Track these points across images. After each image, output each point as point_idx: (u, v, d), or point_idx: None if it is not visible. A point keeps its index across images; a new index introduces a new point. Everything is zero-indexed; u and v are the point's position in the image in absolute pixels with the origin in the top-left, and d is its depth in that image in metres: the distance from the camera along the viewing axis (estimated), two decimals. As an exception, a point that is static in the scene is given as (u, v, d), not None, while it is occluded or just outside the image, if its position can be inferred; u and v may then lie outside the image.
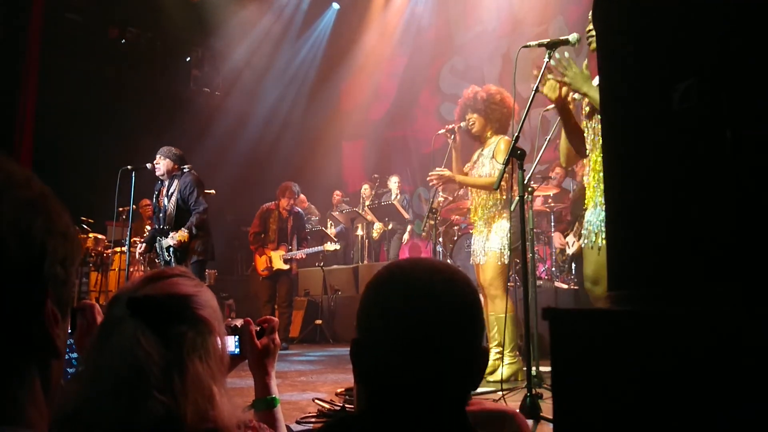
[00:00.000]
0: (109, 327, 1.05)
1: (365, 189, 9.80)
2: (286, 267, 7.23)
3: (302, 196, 9.59)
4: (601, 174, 2.90)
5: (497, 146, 4.44)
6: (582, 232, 3.10)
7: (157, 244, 5.67)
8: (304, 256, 7.36)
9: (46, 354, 0.68)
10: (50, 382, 0.69)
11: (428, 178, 4.56)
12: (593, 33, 2.67)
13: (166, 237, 5.52)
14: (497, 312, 4.22)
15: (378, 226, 9.15)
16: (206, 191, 5.90)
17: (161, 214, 5.67)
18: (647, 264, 1.08)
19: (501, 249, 4.29)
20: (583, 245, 3.05)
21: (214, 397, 1.03)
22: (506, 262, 4.23)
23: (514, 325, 4.23)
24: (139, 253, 5.92)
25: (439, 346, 0.93)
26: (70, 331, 1.57)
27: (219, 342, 1.11)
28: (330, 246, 7.38)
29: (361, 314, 1.00)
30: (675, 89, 1.04)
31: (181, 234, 5.36)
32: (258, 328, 1.50)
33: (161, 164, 5.67)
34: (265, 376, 1.49)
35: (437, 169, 4.56)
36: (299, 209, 7.74)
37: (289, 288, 7.37)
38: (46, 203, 0.68)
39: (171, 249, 5.45)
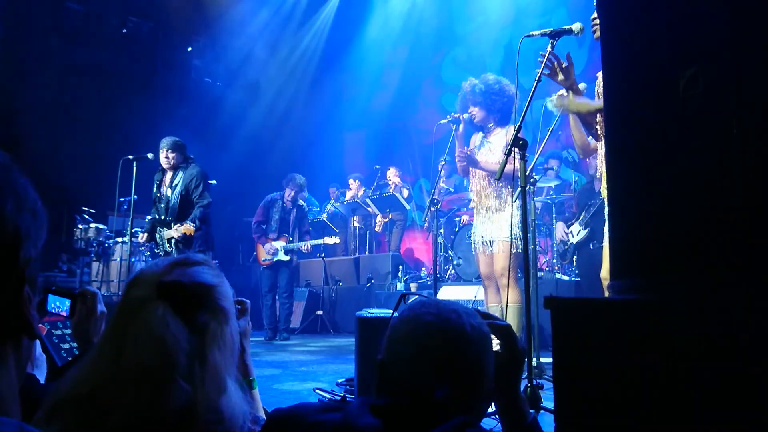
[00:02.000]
0: (131, 308, 1.03)
1: (351, 182, 9.80)
2: (286, 258, 7.25)
3: None
4: None
5: (508, 134, 4.40)
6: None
7: (157, 235, 5.67)
8: (308, 249, 7.37)
9: (22, 335, 0.68)
10: (22, 361, 0.70)
11: (457, 156, 4.45)
12: (598, 21, 2.66)
13: (169, 228, 5.52)
14: (505, 302, 4.19)
15: (378, 218, 9.16)
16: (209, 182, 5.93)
17: (163, 205, 5.67)
18: (649, 253, 1.08)
19: (512, 238, 4.22)
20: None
21: (227, 388, 1.03)
22: (519, 251, 4.16)
23: (519, 316, 4.21)
24: (144, 242, 5.92)
25: (456, 377, 1.03)
26: (67, 315, 1.56)
27: (232, 332, 1.11)
28: (330, 239, 7.39)
29: (391, 342, 1.10)
30: (681, 76, 1.03)
31: (186, 227, 5.37)
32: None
33: (172, 157, 5.65)
34: (244, 354, 1.48)
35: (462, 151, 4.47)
36: (303, 203, 7.75)
37: (290, 278, 7.38)
38: (13, 180, 0.66)
39: (173, 240, 5.46)
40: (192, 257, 1.14)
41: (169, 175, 5.72)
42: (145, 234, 5.83)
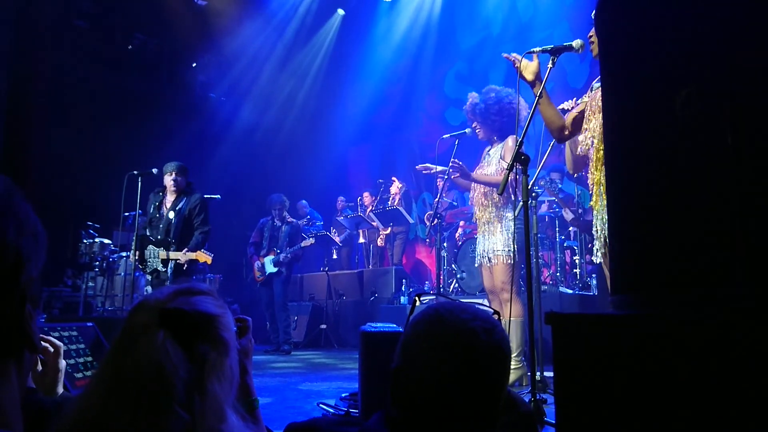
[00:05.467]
0: (132, 334, 1.03)
1: (366, 196, 9.86)
2: (274, 269, 7.48)
3: (302, 201, 9.67)
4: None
5: (506, 144, 4.47)
6: (595, 242, 3.06)
7: (147, 252, 5.68)
8: (288, 256, 7.50)
9: (24, 350, 0.71)
10: (24, 375, 0.74)
11: (450, 166, 4.55)
12: (595, 39, 2.68)
13: (167, 248, 5.56)
14: (511, 316, 4.20)
15: (381, 232, 9.17)
16: (211, 196, 6.13)
17: (162, 226, 5.69)
18: (649, 269, 1.09)
19: (507, 250, 4.28)
20: (598, 261, 3.02)
21: (228, 418, 1.03)
22: (512, 262, 4.21)
23: (521, 330, 4.22)
24: (138, 261, 5.89)
25: (472, 385, 1.03)
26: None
27: (232, 363, 1.11)
28: (305, 242, 7.55)
29: (406, 345, 1.09)
30: (677, 96, 1.04)
31: (203, 256, 5.52)
32: (235, 329, 1.49)
33: (179, 180, 5.74)
34: (246, 376, 1.48)
35: (453, 161, 4.53)
36: (293, 220, 8.03)
37: (283, 290, 7.50)
38: (14, 205, 0.69)
39: (172, 263, 5.52)
40: (196, 286, 1.14)
41: (171, 197, 5.76)
42: (138, 252, 5.79)
